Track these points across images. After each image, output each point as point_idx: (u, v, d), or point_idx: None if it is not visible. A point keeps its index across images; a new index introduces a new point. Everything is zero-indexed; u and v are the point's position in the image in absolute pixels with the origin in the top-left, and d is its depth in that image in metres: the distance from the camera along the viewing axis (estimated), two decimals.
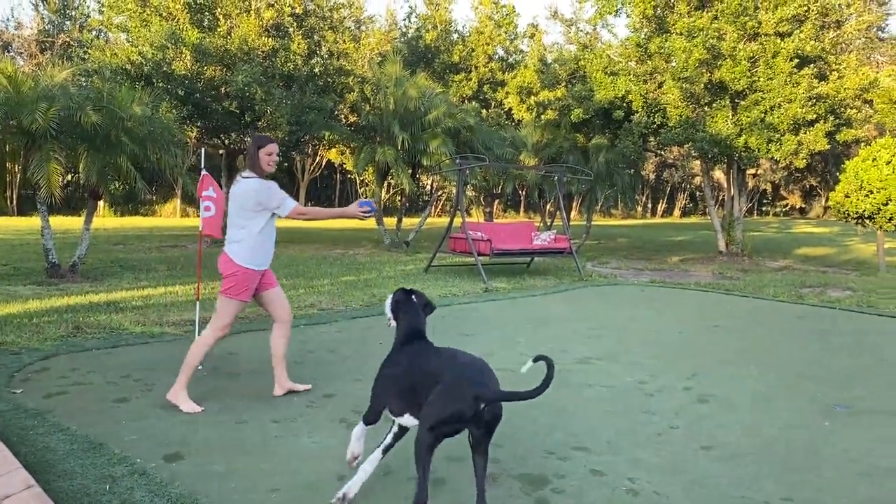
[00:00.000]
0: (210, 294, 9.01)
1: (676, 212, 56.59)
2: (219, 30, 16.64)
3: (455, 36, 27.80)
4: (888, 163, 13.75)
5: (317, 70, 18.66)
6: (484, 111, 24.05)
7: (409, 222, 23.12)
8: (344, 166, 32.87)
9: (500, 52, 28.08)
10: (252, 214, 4.39)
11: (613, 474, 3.55)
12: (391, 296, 3.43)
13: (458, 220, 12.61)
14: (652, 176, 51.30)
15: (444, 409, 2.82)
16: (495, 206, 28.61)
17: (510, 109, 23.69)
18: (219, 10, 16.95)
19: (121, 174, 10.43)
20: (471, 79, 25.64)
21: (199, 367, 5.36)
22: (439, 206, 40.38)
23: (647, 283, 12.10)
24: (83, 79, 15.00)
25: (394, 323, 3.39)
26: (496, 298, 9.77)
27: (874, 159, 13.98)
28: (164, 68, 15.65)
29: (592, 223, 21.92)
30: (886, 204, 13.63)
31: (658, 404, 4.79)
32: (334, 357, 5.85)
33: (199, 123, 17.43)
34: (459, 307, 8.93)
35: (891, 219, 13.66)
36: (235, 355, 5.84)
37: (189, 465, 3.52)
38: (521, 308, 9.01)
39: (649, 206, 55.88)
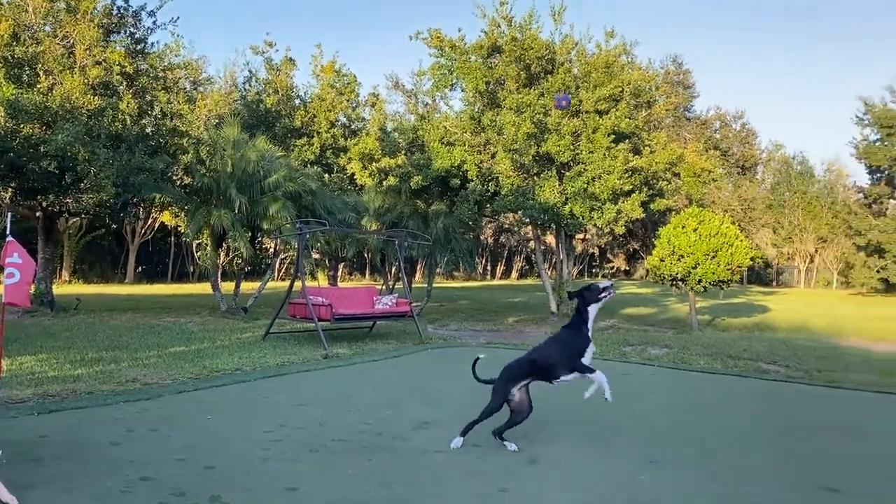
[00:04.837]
0: (18, 370, 8.16)
1: (514, 274, 59.09)
2: (39, 86, 15.56)
3: (297, 101, 27.84)
4: (695, 230, 15.24)
5: (148, 130, 17.89)
6: (326, 175, 24.10)
7: (249, 287, 22.37)
8: (179, 229, 31.42)
9: (343, 119, 28.44)
10: None
11: None
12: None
13: (298, 285, 12.40)
14: (491, 240, 53.45)
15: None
16: (340, 270, 28.45)
17: (353, 175, 23.93)
18: (40, 65, 15.87)
19: None
20: (313, 144, 25.66)
21: None
22: (283, 270, 39.49)
23: (485, 344, 12.45)
24: None
25: None
26: (336, 365, 9.63)
27: (683, 227, 15.44)
28: None
29: (434, 286, 22.35)
30: (695, 268, 15.03)
31: (489, 466, 4.90)
32: (156, 436, 5.46)
33: (13, 184, 16.00)
34: (298, 374, 8.71)
35: (699, 281, 15.05)
36: (46, 437, 5.30)
37: None
38: (360, 374, 8.94)
39: (489, 268, 57.96)
